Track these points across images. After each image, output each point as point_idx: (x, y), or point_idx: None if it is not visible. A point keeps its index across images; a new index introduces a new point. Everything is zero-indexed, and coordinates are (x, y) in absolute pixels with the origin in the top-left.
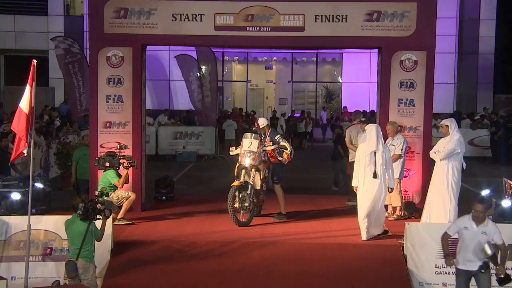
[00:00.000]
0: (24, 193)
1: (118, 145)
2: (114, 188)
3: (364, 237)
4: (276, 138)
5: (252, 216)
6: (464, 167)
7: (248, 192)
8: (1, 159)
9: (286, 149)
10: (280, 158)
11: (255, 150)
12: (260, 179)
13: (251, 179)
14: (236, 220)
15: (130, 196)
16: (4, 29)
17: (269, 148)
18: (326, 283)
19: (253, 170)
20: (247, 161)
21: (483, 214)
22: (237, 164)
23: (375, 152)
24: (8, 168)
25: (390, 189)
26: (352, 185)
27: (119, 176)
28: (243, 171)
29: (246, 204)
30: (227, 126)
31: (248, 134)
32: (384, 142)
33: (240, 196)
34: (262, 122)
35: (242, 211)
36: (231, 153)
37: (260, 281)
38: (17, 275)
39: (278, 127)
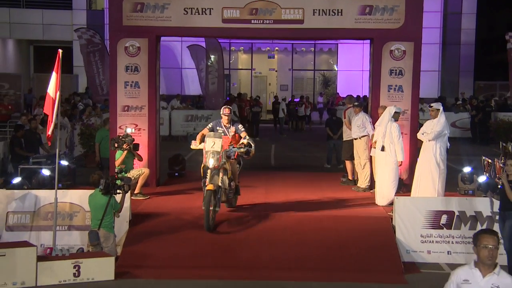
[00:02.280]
0: (51, 170)
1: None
2: (131, 166)
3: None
4: (239, 127)
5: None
6: (449, 147)
7: (219, 196)
8: (31, 139)
9: (251, 147)
10: (244, 157)
11: (219, 150)
12: (228, 178)
13: (220, 180)
14: (208, 224)
15: (144, 172)
16: (33, 22)
17: (238, 150)
18: (322, 251)
19: (220, 171)
20: (211, 162)
21: (493, 255)
22: (202, 164)
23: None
24: (37, 147)
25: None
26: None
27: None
28: (209, 171)
29: (217, 209)
30: (233, 106)
31: (211, 133)
32: (372, 124)
33: (215, 200)
34: (226, 112)
35: (213, 215)
36: (192, 146)
37: (263, 248)
38: (45, 242)
39: (280, 110)
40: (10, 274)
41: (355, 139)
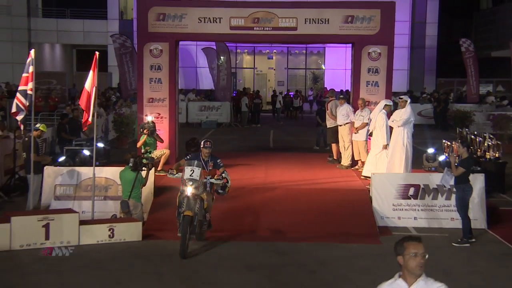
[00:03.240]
0: (90, 150)
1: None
2: (154, 147)
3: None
4: (218, 161)
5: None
6: (413, 132)
7: (195, 223)
8: (74, 126)
9: (228, 183)
10: (220, 191)
11: (198, 179)
12: (204, 208)
13: (196, 209)
14: (184, 252)
15: (165, 153)
16: (76, 30)
17: (216, 181)
18: (311, 217)
19: (197, 200)
20: (189, 190)
21: (424, 263)
22: (179, 193)
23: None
24: (79, 132)
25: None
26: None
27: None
28: (186, 199)
29: (193, 236)
30: (242, 101)
31: (192, 162)
32: (354, 113)
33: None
34: (207, 145)
35: (188, 242)
36: (169, 175)
37: (263, 215)
38: (86, 210)
39: (277, 102)
40: (58, 235)
41: (340, 125)
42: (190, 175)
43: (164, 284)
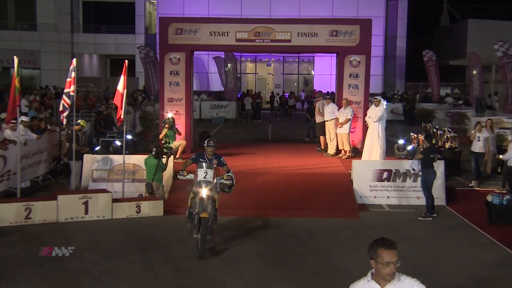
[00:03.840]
0: (121, 141)
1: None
2: (173, 139)
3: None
4: (222, 160)
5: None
6: (385, 126)
7: (210, 224)
8: (108, 121)
9: (233, 181)
10: (226, 190)
11: (211, 180)
12: (215, 208)
13: (209, 209)
14: (202, 253)
15: (182, 143)
16: (109, 43)
17: (226, 182)
18: (302, 196)
19: (209, 201)
20: (204, 192)
21: (395, 270)
22: (191, 195)
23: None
24: (112, 126)
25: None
26: None
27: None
28: (200, 201)
29: (209, 237)
30: (246, 101)
31: (203, 164)
32: (338, 111)
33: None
34: (211, 143)
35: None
36: (180, 177)
37: (263, 194)
38: (117, 190)
39: (274, 101)
40: (95, 211)
41: (327, 121)
42: (204, 177)
43: (184, 248)
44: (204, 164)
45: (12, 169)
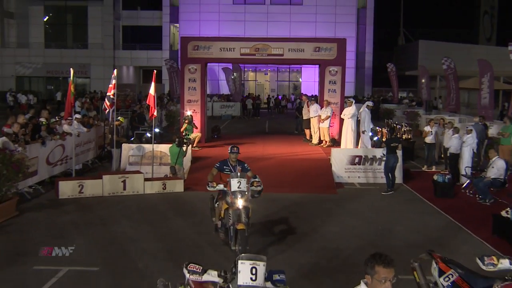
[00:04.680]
0: (151, 133)
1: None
2: (191, 132)
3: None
4: (245, 166)
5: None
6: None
7: (247, 234)
8: (140, 118)
9: (261, 186)
10: (256, 195)
11: (245, 190)
12: (248, 217)
13: (244, 218)
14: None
15: (198, 135)
16: (142, 57)
17: (257, 189)
18: (292, 177)
19: (243, 209)
20: (240, 203)
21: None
22: (223, 205)
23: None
24: (144, 122)
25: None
26: None
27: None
28: (233, 212)
29: (248, 247)
30: (248, 102)
31: (234, 174)
32: (321, 109)
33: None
34: (235, 150)
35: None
36: (210, 189)
37: (261, 175)
38: (148, 171)
39: (270, 102)
40: (131, 187)
41: (311, 117)
42: (238, 187)
43: (199, 216)
44: (236, 173)
45: (69, 155)
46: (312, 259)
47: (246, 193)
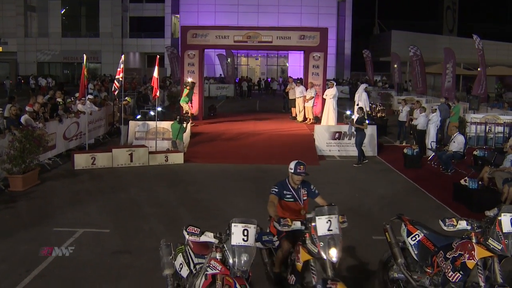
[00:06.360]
0: (154, 112)
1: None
2: (190, 100)
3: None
4: (312, 188)
5: None
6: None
7: None
8: (145, 98)
9: (346, 222)
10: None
11: (339, 233)
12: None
13: (331, 273)
14: None
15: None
16: (147, 44)
17: (344, 225)
18: (280, 149)
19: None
20: (334, 253)
21: None
22: (302, 255)
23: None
24: (148, 101)
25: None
26: None
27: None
28: (319, 266)
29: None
30: (243, 84)
31: (320, 210)
32: (306, 91)
33: None
34: (300, 169)
35: None
36: (283, 228)
37: (252, 149)
38: (152, 145)
39: (261, 84)
40: (137, 160)
41: (298, 97)
42: (329, 229)
43: (196, 184)
44: (323, 208)
45: (83, 130)
46: None
47: (341, 237)
